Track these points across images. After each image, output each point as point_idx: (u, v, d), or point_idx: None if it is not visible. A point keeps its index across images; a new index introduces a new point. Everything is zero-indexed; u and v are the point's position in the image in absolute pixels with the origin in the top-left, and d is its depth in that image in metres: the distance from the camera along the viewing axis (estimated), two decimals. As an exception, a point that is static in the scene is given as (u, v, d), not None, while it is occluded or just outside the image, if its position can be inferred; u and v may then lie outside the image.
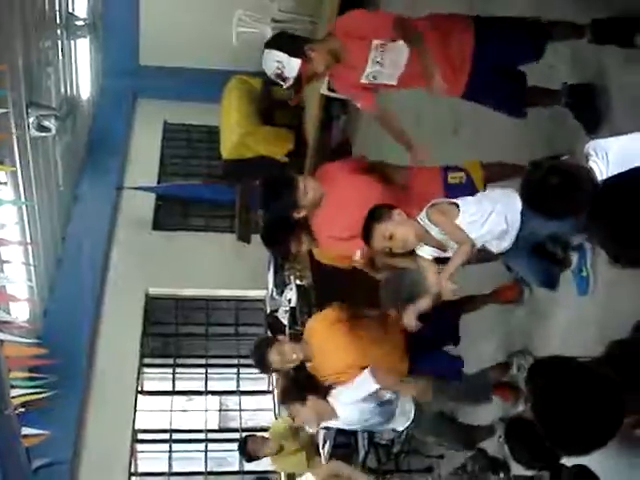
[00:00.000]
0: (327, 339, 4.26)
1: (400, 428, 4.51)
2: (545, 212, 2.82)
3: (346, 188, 3.91)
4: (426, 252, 3.54)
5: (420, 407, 4.43)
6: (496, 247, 3.54)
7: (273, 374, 7.37)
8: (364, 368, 4.15)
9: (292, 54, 3.63)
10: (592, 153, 2.76)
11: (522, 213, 3.35)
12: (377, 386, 4.12)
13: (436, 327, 4.29)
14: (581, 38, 3.80)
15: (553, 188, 2.68)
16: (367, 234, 3.45)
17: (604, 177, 2.67)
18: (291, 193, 3.82)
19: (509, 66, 3.87)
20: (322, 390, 4.26)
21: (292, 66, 3.63)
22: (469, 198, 3.47)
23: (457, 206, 3.39)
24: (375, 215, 3.45)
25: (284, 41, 3.74)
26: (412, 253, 3.58)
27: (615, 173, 2.64)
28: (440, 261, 3.57)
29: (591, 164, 2.73)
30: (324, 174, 4.07)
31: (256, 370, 9.19)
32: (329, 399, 4.21)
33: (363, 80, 3.78)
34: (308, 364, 4.36)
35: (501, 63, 3.81)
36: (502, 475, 4.60)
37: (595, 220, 2.17)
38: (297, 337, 4.61)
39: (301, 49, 3.66)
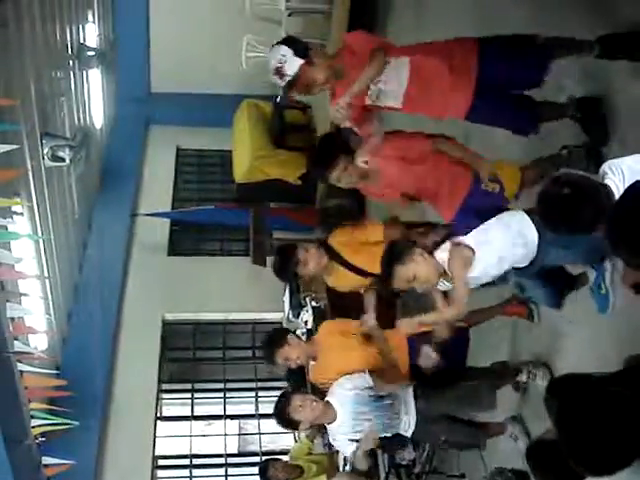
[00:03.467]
0: (337, 348, 4.36)
1: (405, 432, 4.40)
2: (558, 225, 2.81)
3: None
4: (442, 286, 3.55)
5: (421, 409, 4.37)
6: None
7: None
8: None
9: (297, 53, 3.67)
10: (607, 171, 2.76)
11: (540, 242, 3.35)
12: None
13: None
14: (589, 54, 3.81)
15: (565, 199, 2.68)
16: (388, 274, 3.41)
17: (620, 193, 2.66)
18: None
19: (513, 89, 3.89)
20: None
21: (294, 64, 3.66)
22: (481, 238, 3.44)
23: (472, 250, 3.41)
24: (396, 255, 3.42)
25: (293, 40, 3.79)
26: None
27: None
28: None
29: (607, 181, 2.72)
30: None
31: (274, 393, 9.25)
32: (328, 398, 4.30)
33: (367, 101, 3.81)
34: (311, 363, 4.45)
35: (505, 86, 3.84)
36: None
37: (615, 234, 2.16)
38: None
39: (307, 52, 3.71)
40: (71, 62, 8.27)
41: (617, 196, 2.70)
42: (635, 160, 2.80)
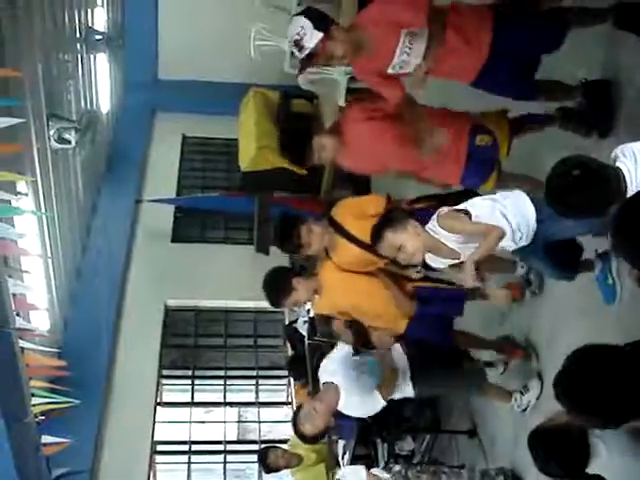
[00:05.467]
0: (340, 279, 4.34)
1: (407, 394, 4.53)
2: (566, 207, 2.76)
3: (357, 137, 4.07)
4: (437, 263, 3.51)
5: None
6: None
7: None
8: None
9: (317, 26, 3.63)
10: (619, 154, 2.73)
11: (540, 217, 3.32)
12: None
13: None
14: (603, 23, 3.78)
15: (575, 181, 2.64)
16: (377, 238, 3.41)
17: (632, 176, 2.63)
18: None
19: (526, 57, 3.86)
20: None
21: (313, 37, 3.61)
22: (477, 202, 3.44)
23: (466, 212, 3.38)
24: (390, 222, 3.41)
25: (314, 13, 3.73)
26: None
27: None
28: None
29: (619, 164, 2.69)
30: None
31: (275, 382, 9.26)
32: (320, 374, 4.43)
33: (390, 70, 3.79)
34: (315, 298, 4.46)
35: (518, 54, 3.80)
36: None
37: (620, 233, 2.13)
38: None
39: (327, 26, 3.66)
40: (79, 45, 8.26)
41: (628, 179, 2.67)
42: None
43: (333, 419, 4.36)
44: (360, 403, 4.35)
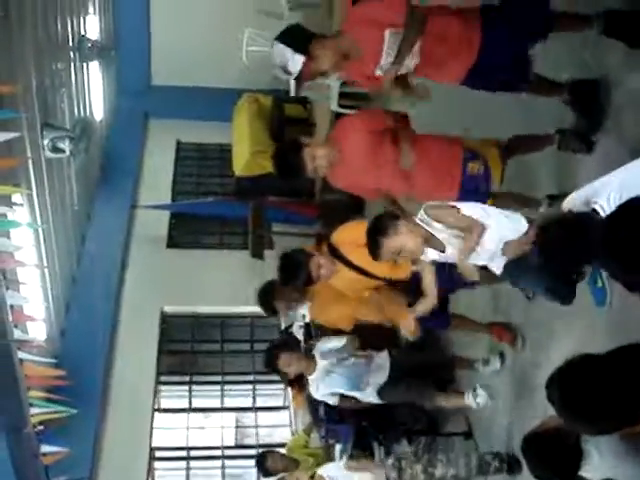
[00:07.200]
0: (334, 300, 4.62)
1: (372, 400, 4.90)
2: (563, 265, 2.89)
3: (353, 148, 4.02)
4: (428, 255, 3.55)
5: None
6: (497, 267, 3.55)
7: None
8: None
9: (297, 50, 3.66)
10: (593, 195, 2.78)
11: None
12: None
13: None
14: (589, 29, 3.77)
15: (561, 240, 2.75)
16: (374, 249, 3.43)
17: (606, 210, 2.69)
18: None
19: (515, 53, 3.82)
20: None
21: (296, 62, 3.66)
22: (469, 204, 3.48)
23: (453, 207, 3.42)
24: (381, 229, 3.42)
25: (292, 36, 3.75)
26: None
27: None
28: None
29: (596, 207, 2.73)
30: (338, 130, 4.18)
31: (272, 387, 9.29)
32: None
33: (378, 72, 3.79)
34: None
35: (507, 52, 3.76)
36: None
37: (603, 251, 2.19)
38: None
39: (307, 47, 3.68)
40: (72, 54, 8.28)
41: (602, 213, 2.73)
42: (621, 179, 2.80)
43: None
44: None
